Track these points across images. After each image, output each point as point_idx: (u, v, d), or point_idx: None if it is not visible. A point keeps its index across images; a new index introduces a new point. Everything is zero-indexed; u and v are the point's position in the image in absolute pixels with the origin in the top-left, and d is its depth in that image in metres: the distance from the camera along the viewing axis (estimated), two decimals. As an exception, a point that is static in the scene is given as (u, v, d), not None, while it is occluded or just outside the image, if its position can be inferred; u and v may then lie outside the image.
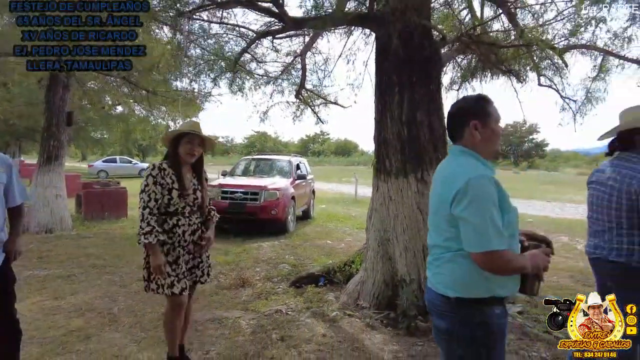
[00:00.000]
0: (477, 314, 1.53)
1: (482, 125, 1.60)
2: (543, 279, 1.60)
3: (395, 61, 4.18)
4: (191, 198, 2.68)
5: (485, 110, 1.63)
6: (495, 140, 1.64)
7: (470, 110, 1.64)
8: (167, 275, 2.54)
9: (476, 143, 1.61)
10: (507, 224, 1.49)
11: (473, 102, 1.67)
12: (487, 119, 1.61)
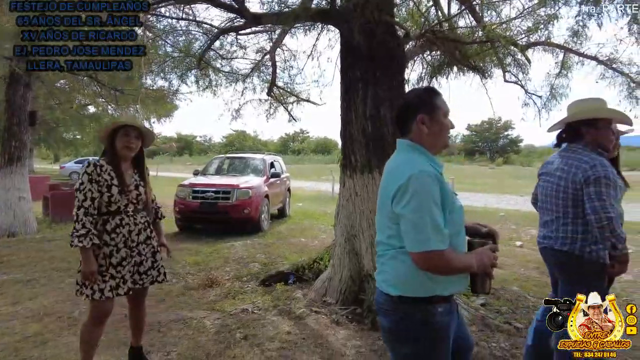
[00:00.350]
0: (419, 313, 1.50)
1: (430, 119, 1.56)
2: (493, 276, 1.59)
3: (358, 57, 4.19)
4: (134, 194, 2.57)
5: (432, 103, 1.58)
6: (443, 134, 1.59)
7: (417, 104, 1.59)
8: (111, 277, 2.43)
9: (423, 137, 1.57)
10: (450, 223, 1.47)
11: (420, 95, 1.63)
12: (435, 112, 1.57)
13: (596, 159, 2.21)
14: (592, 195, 2.15)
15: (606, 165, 2.18)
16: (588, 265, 2.27)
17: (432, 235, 1.39)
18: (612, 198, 2.15)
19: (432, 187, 1.43)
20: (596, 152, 2.29)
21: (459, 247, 1.52)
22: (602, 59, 6.07)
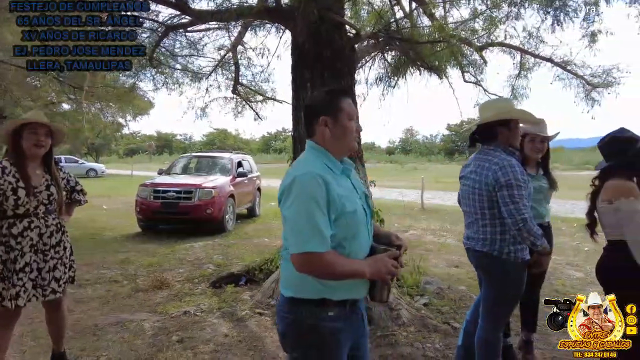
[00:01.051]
0: (308, 316, 1.46)
1: (333, 122, 1.51)
2: (390, 285, 1.54)
3: (306, 57, 4.16)
4: (44, 195, 2.47)
5: (336, 105, 1.53)
6: (347, 137, 1.53)
7: (321, 106, 1.55)
8: (12, 286, 2.33)
9: (326, 140, 1.52)
10: (341, 226, 1.43)
11: (324, 98, 1.58)
12: (338, 115, 1.52)
13: (505, 159, 2.22)
14: (507, 199, 2.16)
15: (514, 165, 2.20)
16: (508, 265, 2.29)
17: (310, 237, 1.36)
18: (524, 198, 2.17)
19: (315, 189, 1.39)
20: (507, 152, 2.31)
21: (353, 251, 1.47)
22: (557, 60, 6.20)
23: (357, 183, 1.63)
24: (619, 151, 2.30)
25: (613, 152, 2.34)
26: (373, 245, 1.57)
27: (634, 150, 2.29)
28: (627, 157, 2.28)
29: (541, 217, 2.86)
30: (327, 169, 1.49)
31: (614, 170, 2.32)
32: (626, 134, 2.34)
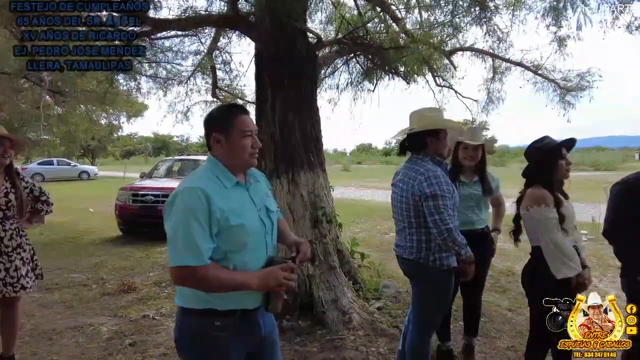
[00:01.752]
0: (195, 325, 1.52)
1: (225, 138, 1.56)
2: (283, 297, 1.59)
3: (267, 63, 4.22)
4: (2, 201, 2.66)
5: (228, 122, 1.57)
6: (238, 153, 1.56)
7: (213, 122, 1.59)
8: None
9: (221, 155, 1.57)
10: (226, 240, 1.48)
11: (217, 113, 1.62)
12: (230, 132, 1.56)
13: (430, 170, 2.28)
14: (432, 209, 2.22)
15: (439, 176, 2.26)
16: (433, 272, 2.35)
17: (184, 251, 1.40)
18: (450, 208, 2.23)
19: (194, 203, 1.43)
20: (434, 162, 2.37)
21: (241, 264, 1.52)
22: (527, 65, 6.27)
23: (259, 196, 1.67)
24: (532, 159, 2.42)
25: (531, 160, 2.43)
26: (271, 257, 1.62)
27: (533, 160, 2.40)
28: (529, 166, 2.41)
29: (471, 223, 2.91)
30: (217, 182, 1.53)
31: (533, 178, 2.39)
32: (538, 143, 2.42)
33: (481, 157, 2.96)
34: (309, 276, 3.88)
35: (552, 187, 2.37)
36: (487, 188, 2.98)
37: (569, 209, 2.34)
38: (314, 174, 4.14)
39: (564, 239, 2.26)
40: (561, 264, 2.22)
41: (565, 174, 2.39)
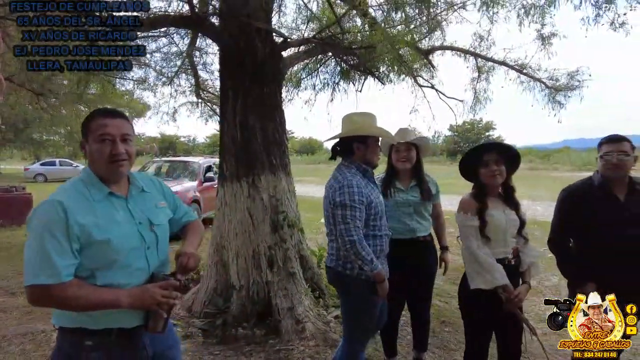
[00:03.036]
0: (67, 345, 1.45)
1: (87, 144, 1.47)
2: (163, 316, 1.48)
3: (229, 64, 4.13)
4: None
5: (86, 127, 1.48)
6: (95, 159, 1.46)
7: (82, 128, 1.51)
8: None
9: (91, 162, 1.48)
10: (95, 256, 1.39)
11: (85, 118, 1.53)
12: (88, 137, 1.46)
13: (346, 179, 2.19)
14: (339, 218, 2.14)
15: (353, 186, 2.16)
16: (351, 281, 2.24)
17: (37, 269, 1.31)
18: (358, 219, 2.12)
19: (50, 217, 1.34)
20: (359, 169, 2.28)
21: (111, 280, 1.42)
22: (511, 64, 6.10)
23: (143, 208, 1.57)
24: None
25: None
26: (153, 273, 1.53)
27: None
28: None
29: (412, 231, 2.78)
30: (85, 194, 1.44)
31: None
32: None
33: (416, 159, 2.84)
34: (267, 283, 3.79)
35: (480, 194, 2.27)
36: (425, 192, 2.83)
37: (497, 218, 2.21)
38: (276, 177, 4.03)
39: (481, 248, 2.17)
40: (475, 273, 2.17)
41: (489, 180, 2.25)
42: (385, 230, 2.31)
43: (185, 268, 1.58)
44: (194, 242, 1.73)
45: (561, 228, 2.38)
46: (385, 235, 2.29)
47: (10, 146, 25.97)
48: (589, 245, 2.28)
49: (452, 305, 4.32)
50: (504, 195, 2.32)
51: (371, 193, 2.23)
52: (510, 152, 2.33)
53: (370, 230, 2.22)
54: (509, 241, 2.23)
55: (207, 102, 8.03)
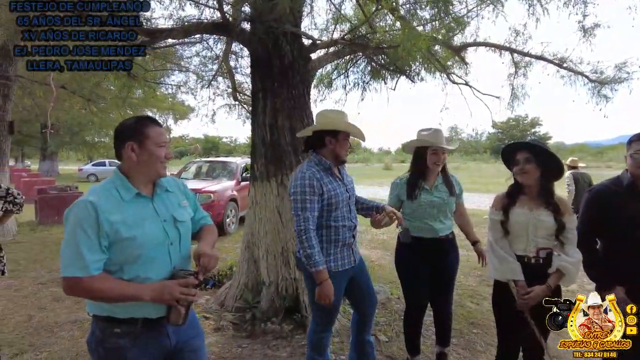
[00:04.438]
0: (98, 331, 1.59)
1: (139, 147, 1.60)
2: (181, 311, 1.57)
3: (259, 67, 4.26)
4: None
5: (142, 132, 1.61)
6: (153, 162, 1.61)
7: (127, 132, 1.62)
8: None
9: (132, 165, 1.61)
10: (119, 251, 1.51)
11: (130, 124, 1.65)
12: (144, 141, 1.60)
13: (301, 171, 2.30)
14: (293, 210, 2.26)
15: (305, 177, 2.25)
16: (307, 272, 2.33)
17: (70, 262, 1.45)
18: (309, 211, 2.21)
19: (83, 215, 1.48)
20: (318, 163, 2.35)
21: (137, 275, 1.55)
22: (549, 58, 5.85)
23: (168, 206, 1.70)
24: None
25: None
26: (174, 271, 1.64)
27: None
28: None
29: (434, 231, 2.78)
30: (115, 194, 1.57)
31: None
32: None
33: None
34: (295, 279, 3.89)
35: (512, 191, 2.30)
36: (452, 189, 2.85)
37: (519, 214, 2.20)
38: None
39: (499, 242, 2.23)
40: (491, 264, 2.24)
41: (519, 178, 2.23)
42: (345, 222, 2.37)
43: (206, 268, 1.67)
44: (210, 241, 1.83)
45: (588, 230, 2.29)
46: (344, 227, 2.36)
47: (67, 148, 27.72)
48: (617, 247, 2.20)
49: (483, 307, 4.25)
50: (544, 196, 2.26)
51: (329, 184, 2.31)
52: (542, 152, 2.23)
53: (325, 220, 2.31)
54: (531, 240, 2.19)
55: (243, 104, 8.27)
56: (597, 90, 6.09)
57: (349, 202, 2.42)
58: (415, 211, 2.79)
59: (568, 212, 2.22)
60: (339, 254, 2.37)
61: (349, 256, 2.43)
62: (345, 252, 2.41)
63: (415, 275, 2.81)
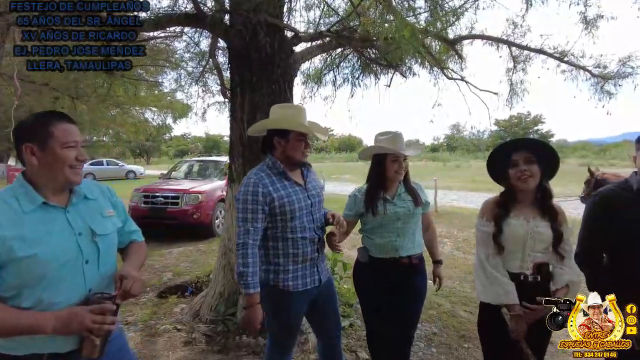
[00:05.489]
0: None
1: (40, 150, 1.35)
2: (95, 341, 1.32)
3: (237, 61, 4.00)
4: None
5: (44, 131, 1.35)
6: (58, 166, 1.36)
7: (25, 131, 1.37)
8: None
9: (34, 170, 1.37)
10: (14, 273, 1.26)
11: (30, 122, 1.39)
12: (47, 142, 1.35)
13: (252, 177, 2.05)
14: (236, 220, 2.03)
15: (250, 184, 2.01)
16: (263, 286, 2.03)
17: None
18: (250, 222, 1.97)
19: None
20: (272, 168, 2.10)
21: (43, 300, 1.30)
22: (550, 51, 5.56)
23: (86, 218, 1.44)
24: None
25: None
26: (88, 295, 1.38)
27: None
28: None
29: (397, 250, 2.36)
30: (13, 205, 1.31)
31: None
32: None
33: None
34: (273, 289, 3.62)
35: (506, 198, 2.02)
36: (416, 198, 2.44)
37: (515, 226, 1.91)
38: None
39: (491, 258, 1.93)
40: (481, 285, 1.95)
41: (519, 183, 1.95)
42: (307, 233, 2.07)
43: (127, 293, 1.41)
44: (137, 262, 1.58)
45: (593, 239, 2.00)
46: (304, 239, 2.06)
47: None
48: (626, 260, 1.91)
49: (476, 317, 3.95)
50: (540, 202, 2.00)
51: (281, 190, 2.04)
52: (544, 150, 1.99)
53: (281, 231, 2.04)
54: (527, 255, 1.91)
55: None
56: (600, 86, 5.82)
57: (311, 210, 2.11)
58: (376, 226, 2.40)
59: (565, 220, 1.94)
60: (300, 271, 2.08)
61: (312, 274, 2.12)
62: (308, 270, 2.11)
63: (375, 304, 2.42)
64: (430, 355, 3.19)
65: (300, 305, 2.12)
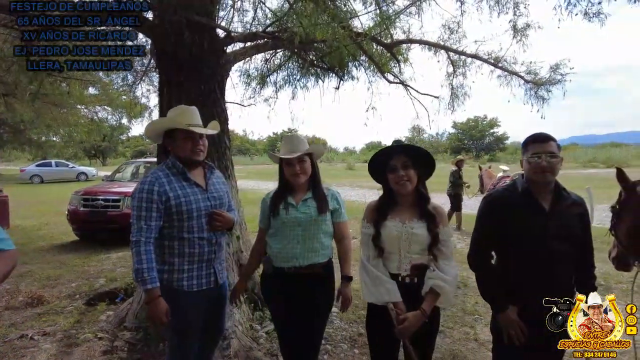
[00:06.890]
0: None
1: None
2: None
3: (164, 59, 3.89)
4: None
5: None
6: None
7: None
8: None
9: None
10: None
11: None
12: None
13: (149, 176, 2.08)
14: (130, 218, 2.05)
15: (145, 182, 2.04)
16: (162, 286, 2.01)
17: None
18: (144, 220, 1.98)
19: None
20: (171, 167, 2.12)
21: None
22: (484, 57, 5.77)
23: None
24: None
25: None
26: None
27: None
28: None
29: (296, 259, 2.22)
30: None
31: None
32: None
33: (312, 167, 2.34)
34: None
35: (386, 201, 2.07)
36: (321, 205, 2.28)
37: (390, 228, 1.97)
38: None
39: (372, 260, 1.99)
40: (365, 285, 2.00)
41: (397, 187, 2.00)
42: (204, 234, 2.12)
43: None
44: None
45: (482, 242, 2.08)
46: (201, 239, 2.11)
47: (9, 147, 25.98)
48: (512, 261, 1.99)
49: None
50: (419, 205, 2.04)
51: (178, 190, 2.06)
52: (419, 152, 2.05)
53: (177, 231, 2.05)
54: (404, 256, 1.95)
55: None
56: (533, 92, 6.08)
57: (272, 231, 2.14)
58: (277, 231, 2.27)
59: (443, 223, 2.00)
60: (195, 271, 2.09)
61: (209, 275, 2.14)
62: (204, 271, 2.12)
63: (279, 313, 2.34)
64: (352, 356, 3.22)
65: (195, 306, 2.11)
